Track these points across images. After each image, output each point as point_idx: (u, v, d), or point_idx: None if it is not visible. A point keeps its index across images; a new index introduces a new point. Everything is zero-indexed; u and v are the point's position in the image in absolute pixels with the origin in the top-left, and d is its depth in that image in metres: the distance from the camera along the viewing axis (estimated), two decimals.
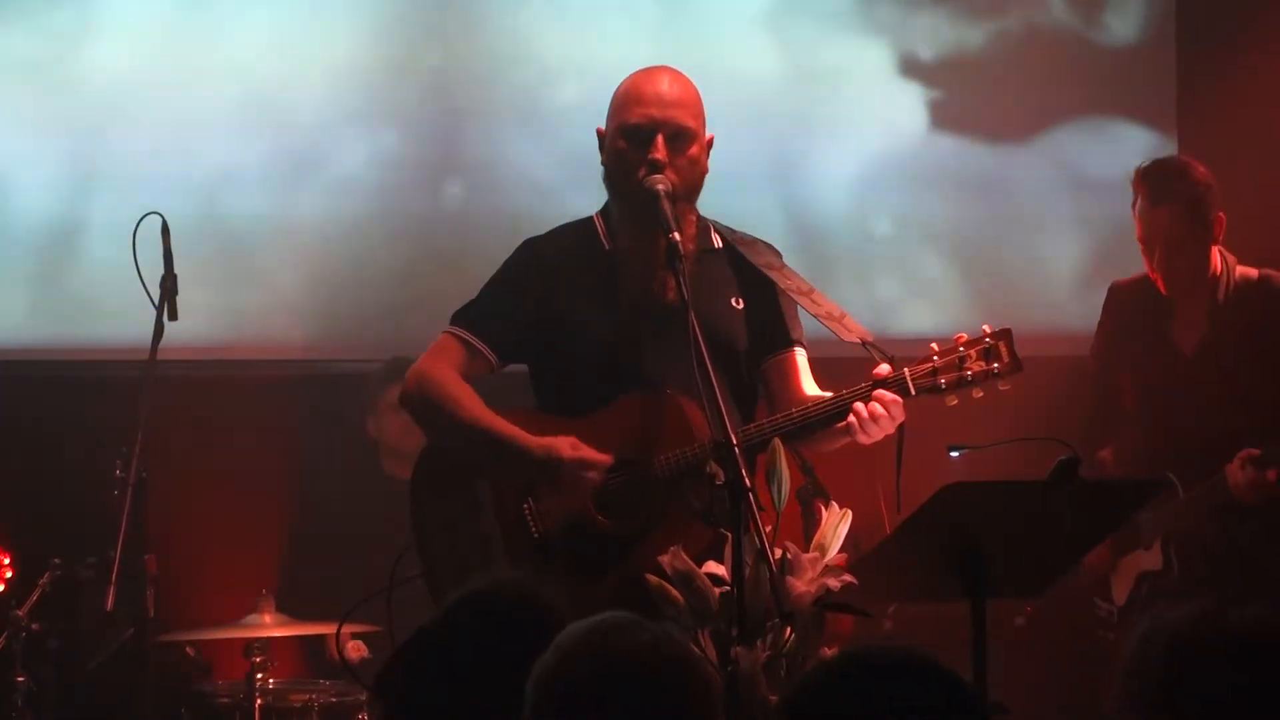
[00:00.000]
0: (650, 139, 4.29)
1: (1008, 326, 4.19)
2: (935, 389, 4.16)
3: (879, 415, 4.11)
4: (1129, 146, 6.44)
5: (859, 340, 4.23)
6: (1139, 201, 5.33)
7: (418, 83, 6.42)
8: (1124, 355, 5.49)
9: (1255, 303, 5.34)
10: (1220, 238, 5.32)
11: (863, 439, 4.16)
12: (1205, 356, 5.35)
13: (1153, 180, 5.32)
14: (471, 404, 4.34)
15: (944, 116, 6.60)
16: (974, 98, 6.64)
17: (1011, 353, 4.16)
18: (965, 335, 4.20)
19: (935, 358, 4.17)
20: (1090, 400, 5.55)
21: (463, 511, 4.36)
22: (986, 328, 4.21)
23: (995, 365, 4.16)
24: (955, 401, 4.16)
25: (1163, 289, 5.36)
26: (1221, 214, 5.30)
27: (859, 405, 4.13)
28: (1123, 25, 6.70)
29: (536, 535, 4.30)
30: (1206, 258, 5.32)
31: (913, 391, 4.16)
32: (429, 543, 4.38)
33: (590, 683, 2.51)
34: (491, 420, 4.31)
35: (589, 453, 4.21)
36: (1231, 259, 5.37)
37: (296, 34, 6.35)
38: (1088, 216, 6.58)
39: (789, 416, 4.20)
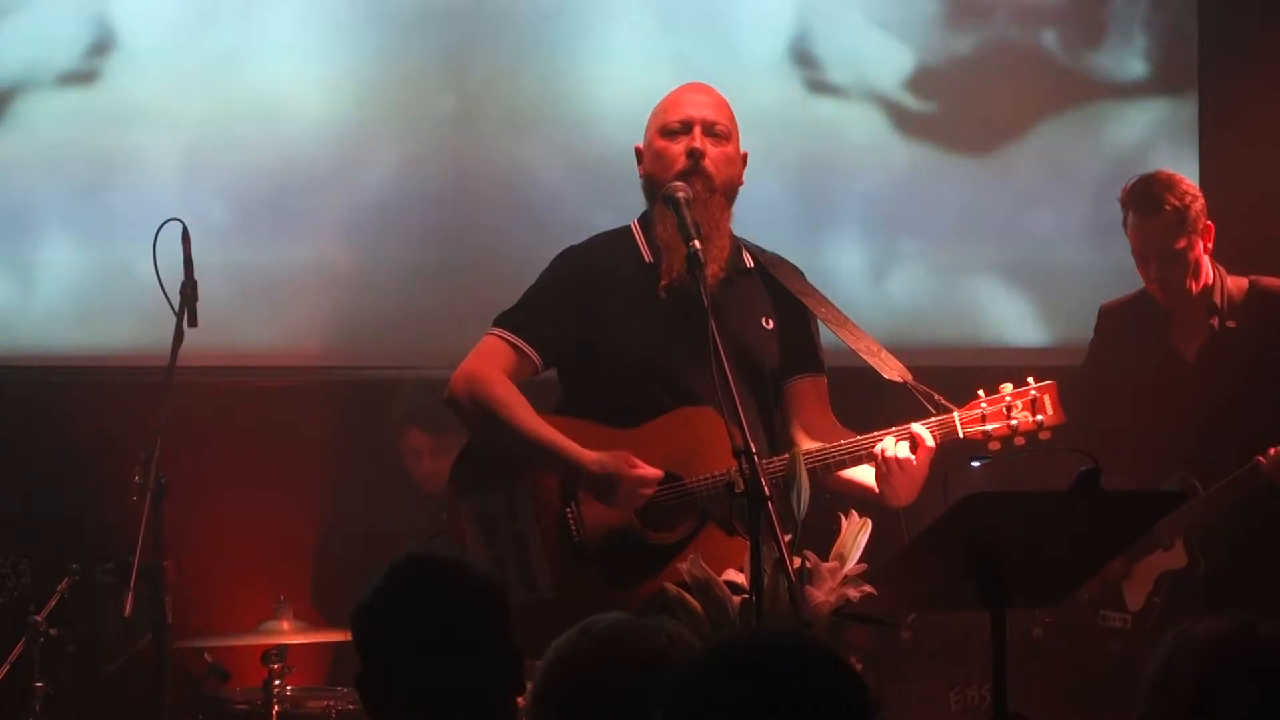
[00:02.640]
0: (689, 133, 4.44)
1: (1052, 381, 4.36)
2: (985, 436, 4.31)
3: (902, 459, 4.22)
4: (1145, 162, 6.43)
5: (900, 380, 4.35)
6: (1130, 216, 5.42)
7: (440, 94, 6.42)
8: (1123, 368, 5.51)
9: (1254, 306, 5.40)
10: (1209, 247, 5.39)
11: (892, 482, 4.25)
12: (1209, 360, 5.40)
13: (1141, 194, 5.40)
14: (523, 411, 4.42)
15: (951, 130, 6.60)
16: (981, 112, 6.63)
17: (1056, 405, 4.33)
18: (1010, 385, 4.34)
19: (983, 405, 4.32)
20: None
21: (501, 510, 4.42)
22: (1031, 380, 4.37)
23: (1040, 417, 4.32)
24: (998, 447, 4.30)
25: (1160, 300, 5.42)
26: (1210, 224, 5.37)
27: (888, 440, 4.24)
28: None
29: (576, 539, 4.34)
30: (1199, 267, 5.38)
31: (961, 435, 4.30)
32: (466, 540, 4.43)
33: (609, 680, 2.51)
34: (545, 430, 4.38)
35: (646, 470, 4.28)
36: (1220, 269, 5.43)
37: (318, 43, 6.35)
38: (1107, 231, 6.56)
39: (837, 448, 4.30)
